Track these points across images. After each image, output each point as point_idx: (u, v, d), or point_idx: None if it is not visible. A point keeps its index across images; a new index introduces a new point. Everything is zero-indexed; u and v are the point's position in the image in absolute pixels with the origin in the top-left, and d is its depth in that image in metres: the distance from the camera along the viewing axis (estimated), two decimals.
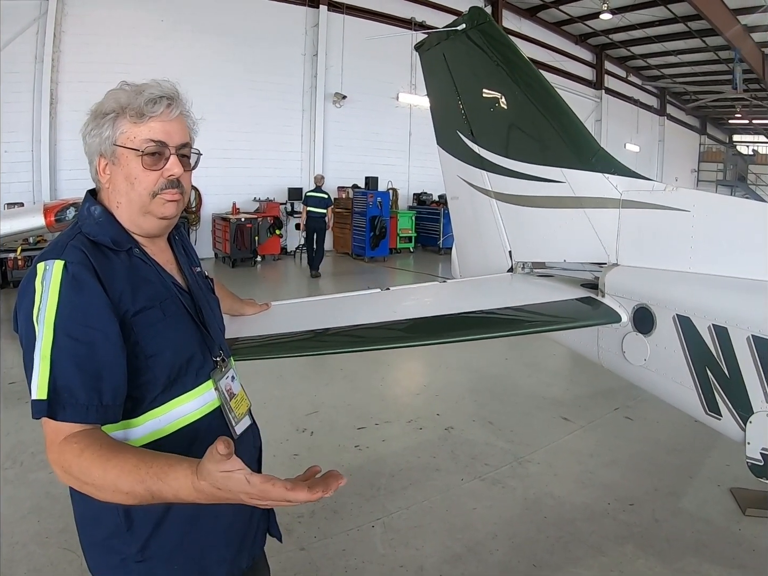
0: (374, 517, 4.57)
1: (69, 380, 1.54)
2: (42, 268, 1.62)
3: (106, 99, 1.80)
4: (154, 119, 1.77)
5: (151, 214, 1.83)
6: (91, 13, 16.33)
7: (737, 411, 2.80)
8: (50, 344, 1.54)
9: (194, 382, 1.84)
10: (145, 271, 1.80)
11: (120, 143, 1.77)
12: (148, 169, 1.78)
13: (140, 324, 1.70)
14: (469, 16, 4.31)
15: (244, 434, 2.00)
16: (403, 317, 3.45)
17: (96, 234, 1.75)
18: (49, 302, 1.57)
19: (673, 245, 3.25)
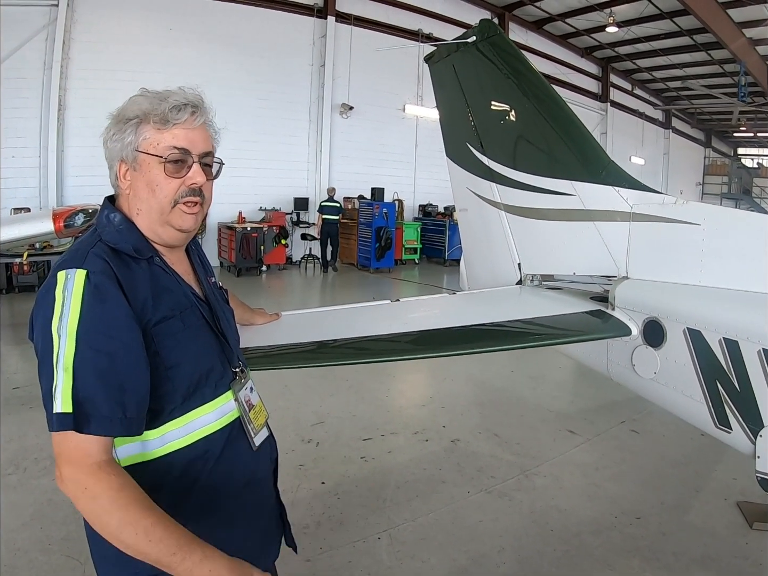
0: (380, 528, 4.54)
1: (93, 392, 1.51)
2: (63, 277, 1.58)
3: (129, 104, 1.77)
4: (178, 126, 1.76)
5: (169, 225, 1.80)
6: (100, 20, 16.49)
7: (748, 424, 2.80)
8: (73, 355, 1.51)
9: (213, 393, 1.82)
10: (165, 281, 1.78)
11: (142, 149, 1.74)
12: (170, 177, 1.76)
13: (161, 334, 1.68)
14: (479, 29, 4.32)
15: (262, 445, 1.97)
16: (413, 329, 3.44)
17: (117, 242, 1.71)
18: (72, 312, 1.54)
19: (683, 258, 3.25)
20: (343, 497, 4.96)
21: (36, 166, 16.03)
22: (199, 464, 1.76)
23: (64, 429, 1.48)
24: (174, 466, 1.73)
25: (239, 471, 1.86)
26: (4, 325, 11.00)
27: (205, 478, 1.77)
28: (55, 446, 1.52)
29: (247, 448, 1.89)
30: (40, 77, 15.84)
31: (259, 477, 1.96)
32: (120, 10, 16.79)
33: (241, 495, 1.87)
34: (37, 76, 15.81)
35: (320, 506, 4.81)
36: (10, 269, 13.91)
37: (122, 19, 16.85)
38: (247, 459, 1.89)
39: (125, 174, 1.77)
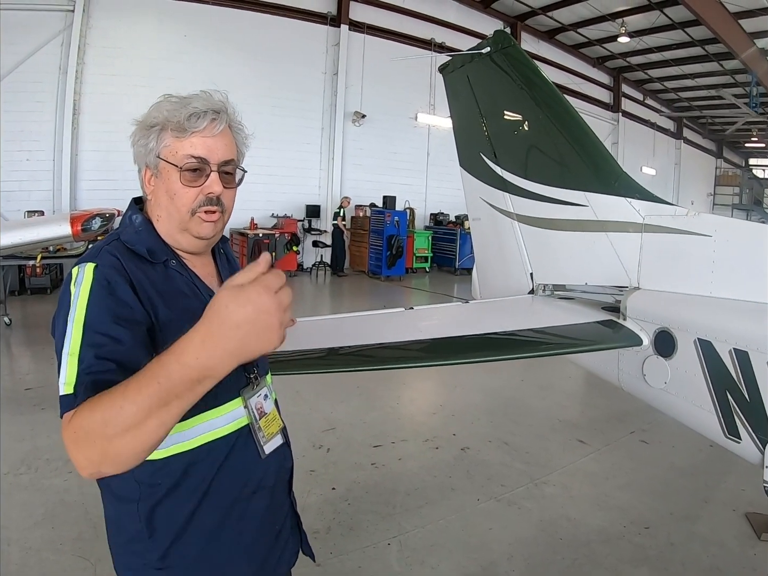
0: (390, 534, 4.56)
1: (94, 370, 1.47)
2: (76, 272, 1.61)
3: (153, 110, 1.77)
4: (195, 134, 1.74)
5: (188, 232, 1.80)
6: (115, 26, 16.63)
7: (757, 434, 2.82)
8: (79, 342, 1.50)
9: (223, 398, 1.77)
10: (180, 284, 1.78)
11: (163, 156, 1.74)
12: (187, 186, 1.75)
13: (168, 334, 1.57)
14: (493, 40, 4.36)
15: (274, 454, 1.92)
16: (426, 337, 3.48)
17: (134, 243, 1.73)
18: (80, 302, 1.55)
19: (694, 270, 3.28)
20: (353, 503, 4.99)
21: (50, 169, 16.18)
22: (203, 468, 1.75)
23: (66, 410, 1.42)
24: (176, 468, 1.72)
25: (245, 477, 1.84)
26: (16, 326, 11.11)
27: (209, 482, 1.75)
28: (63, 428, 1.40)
29: (254, 455, 1.86)
30: (56, 81, 16.01)
31: (269, 484, 1.92)
32: (135, 16, 16.94)
33: (249, 501, 1.86)
34: (53, 80, 15.97)
35: (331, 512, 4.84)
36: (23, 271, 14.02)
37: (137, 25, 17.00)
38: (254, 466, 1.86)
39: (149, 179, 1.80)
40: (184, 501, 1.73)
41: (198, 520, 1.75)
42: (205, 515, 1.76)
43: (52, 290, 14.55)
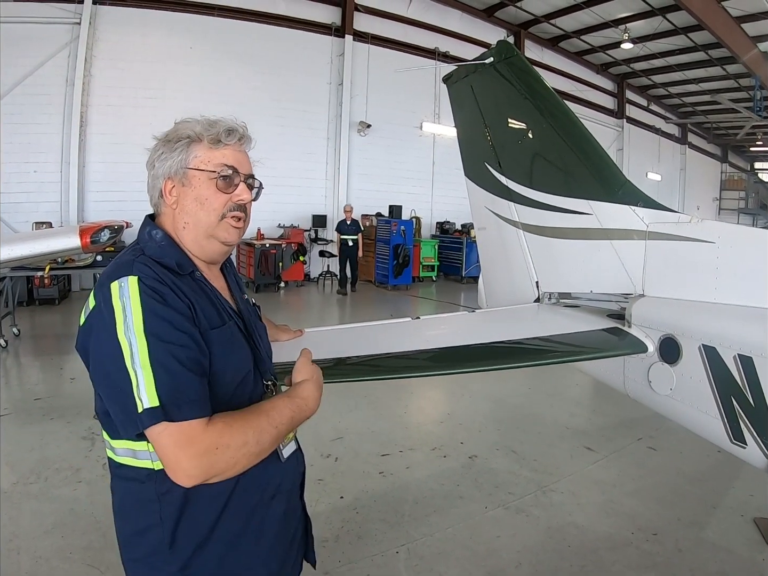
0: (398, 543, 4.57)
1: (174, 380, 1.57)
2: (117, 286, 1.63)
3: (180, 127, 1.89)
4: (228, 147, 1.89)
5: (214, 238, 1.90)
6: (121, 38, 16.77)
7: (762, 439, 2.82)
8: (146, 352, 1.56)
9: (246, 404, 1.81)
10: (207, 293, 1.85)
11: (193, 166, 1.84)
12: (219, 192, 1.87)
13: (209, 341, 1.73)
14: (497, 50, 4.38)
15: (290, 458, 2.02)
16: (433, 346, 3.49)
17: (161, 257, 1.77)
18: (134, 315, 1.59)
19: (698, 276, 3.29)
20: (361, 511, 5.00)
21: (57, 181, 16.30)
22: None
23: (156, 421, 1.52)
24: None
25: (266, 482, 1.90)
26: (24, 337, 11.19)
27: (232, 488, 1.79)
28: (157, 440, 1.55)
29: (274, 459, 1.91)
30: (63, 94, 16.14)
31: (286, 489, 2.00)
32: (141, 28, 17.06)
33: (269, 505, 1.92)
34: (60, 92, 16.12)
35: (339, 520, 4.85)
36: (31, 282, 14.10)
37: (143, 37, 17.12)
38: (274, 471, 1.93)
39: (171, 190, 1.87)
40: (207, 509, 1.77)
41: (220, 528, 1.79)
42: (228, 522, 1.80)
43: (60, 301, 14.66)
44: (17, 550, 4.26)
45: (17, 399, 7.63)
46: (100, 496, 1.55)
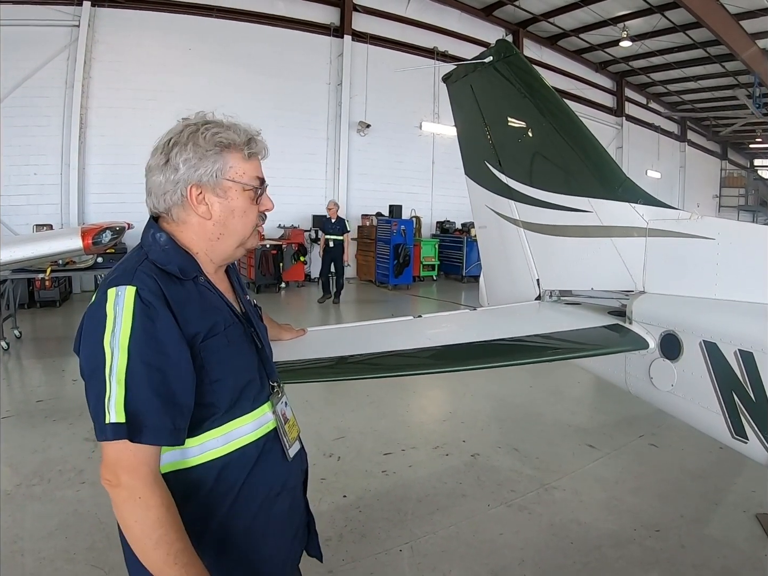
0: (402, 541, 4.57)
1: (144, 404, 1.58)
2: (114, 294, 1.64)
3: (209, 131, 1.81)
4: (255, 157, 1.92)
5: (243, 247, 1.95)
6: (120, 41, 16.78)
7: (763, 434, 2.84)
8: (125, 369, 1.57)
9: (252, 405, 1.89)
10: (210, 298, 1.85)
11: (229, 177, 1.83)
12: (254, 204, 1.91)
13: (207, 350, 1.74)
14: (496, 49, 4.40)
15: (295, 457, 2.05)
16: (435, 344, 3.50)
17: (164, 262, 1.76)
18: (123, 328, 1.59)
19: (698, 273, 3.30)
20: (364, 510, 5.01)
21: (57, 183, 16.31)
22: (234, 472, 1.83)
23: (119, 438, 1.55)
24: (210, 474, 1.80)
25: (272, 480, 1.94)
26: (26, 339, 11.20)
27: (239, 486, 1.84)
28: (111, 454, 1.59)
29: (280, 458, 1.97)
30: (62, 96, 16.15)
31: (291, 486, 2.04)
32: (140, 31, 17.08)
33: (274, 503, 1.95)
34: (59, 94, 16.13)
35: (342, 519, 4.86)
36: (32, 284, 14.10)
37: (142, 39, 17.14)
38: (280, 469, 1.97)
39: (199, 197, 1.82)
40: (217, 506, 1.81)
41: (227, 525, 1.83)
42: (235, 520, 1.84)
43: (61, 303, 14.66)
44: (21, 551, 4.26)
45: (19, 401, 7.64)
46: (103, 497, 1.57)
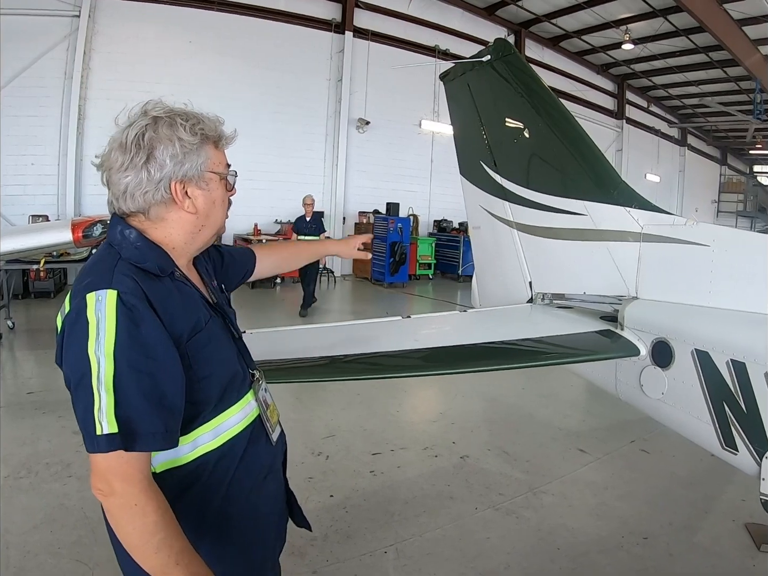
0: (387, 543, 4.54)
1: (136, 411, 1.54)
2: (93, 299, 1.58)
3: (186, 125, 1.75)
4: (224, 146, 1.93)
5: (217, 233, 1.97)
6: (120, 32, 16.70)
7: (754, 446, 2.82)
8: (113, 377, 1.53)
9: (237, 396, 1.90)
10: (188, 294, 1.81)
11: (209, 168, 1.82)
12: (227, 192, 1.93)
13: (193, 348, 1.72)
14: (494, 48, 4.36)
15: (278, 440, 2.09)
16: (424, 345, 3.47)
17: (141, 260, 1.71)
18: (107, 335, 1.54)
19: (692, 279, 3.28)
20: (351, 510, 4.97)
21: (55, 174, 16.24)
22: (226, 463, 1.84)
23: (114, 449, 1.51)
24: (204, 467, 1.80)
25: (260, 465, 1.97)
26: (19, 330, 11.15)
27: (231, 475, 1.85)
28: (102, 463, 1.54)
29: (266, 443, 2.00)
30: (61, 86, 16.07)
31: (276, 468, 2.09)
32: (140, 22, 17.00)
33: (263, 486, 1.98)
34: (58, 85, 16.05)
35: (328, 519, 4.82)
36: (26, 275, 14.08)
37: (143, 30, 17.06)
38: (266, 453, 2.01)
39: (182, 191, 1.77)
40: (212, 497, 1.83)
41: (219, 514, 1.85)
42: (227, 508, 1.86)
43: (56, 294, 14.58)
44: (6, 544, 4.23)
45: (10, 393, 7.59)
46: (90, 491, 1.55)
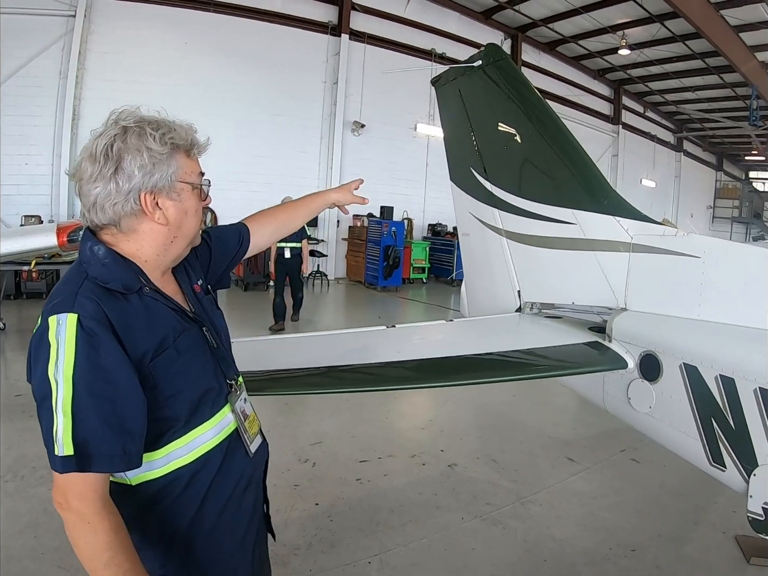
0: (371, 552, 4.49)
1: (92, 434, 1.56)
2: (55, 323, 1.59)
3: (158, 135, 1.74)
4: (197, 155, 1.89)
5: (191, 244, 1.95)
6: (116, 32, 16.69)
7: (741, 463, 2.78)
8: (71, 400, 1.55)
9: (211, 411, 1.88)
10: (156, 309, 1.78)
11: (181, 178, 1.79)
12: (200, 201, 1.89)
13: (158, 368, 1.71)
14: (485, 53, 4.32)
15: (257, 451, 2.07)
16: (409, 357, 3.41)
17: (106, 279, 1.69)
18: (66, 359, 1.55)
19: (682, 292, 3.23)
20: (336, 519, 4.92)
21: (48, 173, 16.21)
22: (202, 476, 1.85)
23: (68, 471, 1.55)
24: (178, 481, 1.80)
25: (238, 477, 1.97)
26: (11, 331, 11.12)
27: (207, 487, 1.86)
28: (60, 479, 1.58)
29: (244, 455, 1.99)
30: (56, 86, 16.06)
31: (256, 479, 2.09)
32: (136, 22, 16.98)
33: (242, 497, 1.99)
34: (53, 85, 16.03)
35: (313, 527, 4.77)
36: (18, 276, 14.15)
37: (138, 31, 17.04)
38: (244, 465, 2.00)
39: (153, 203, 1.75)
40: (185, 509, 1.84)
41: (197, 524, 1.85)
42: (204, 518, 1.87)
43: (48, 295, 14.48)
44: None
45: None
46: None
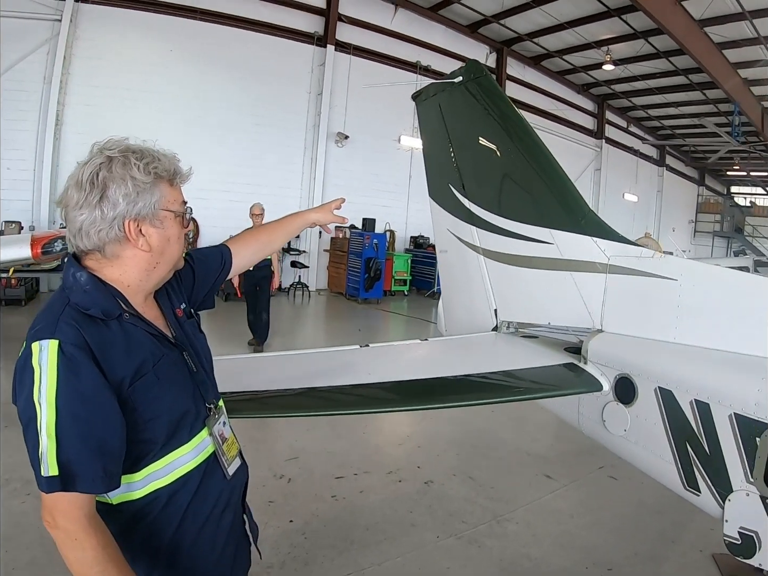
0: (346, 571, 4.44)
1: (75, 456, 1.63)
2: (37, 349, 1.65)
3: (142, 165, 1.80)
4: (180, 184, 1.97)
5: (174, 268, 2.02)
6: (102, 38, 16.61)
7: (716, 488, 2.77)
8: (54, 423, 1.61)
9: (189, 435, 1.93)
10: (136, 335, 1.83)
11: (164, 207, 1.86)
12: (183, 228, 1.96)
13: (136, 392, 1.76)
14: (466, 69, 4.30)
15: (236, 473, 2.10)
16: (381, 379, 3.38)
17: (87, 306, 1.75)
18: (49, 384, 1.62)
19: (658, 314, 3.23)
20: (310, 537, 4.87)
21: (30, 179, 16.07)
22: (180, 497, 1.90)
23: (53, 490, 1.62)
24: (157, 502, 1.86)
25: (216, 499, 2.01)
26: None
27: (185, 509, 1.91)
28: (48, 499, 1.65)
29: (221, 478, 2.03)
30: (40, 91, 15.94)
31: (234, 501, 2.11)
32: (122, 29, 16.90)
33: (220, 519, 2.03)
34: (37, 89, 15.91)
35: (287, 545, 4.71)
36: None
37: (124, 37, 16.97)
38: (222, 487, 2.03)
39: (136, 231, 1.81)
40: (163, 529, 1.89)
41: (174, 543, 1.90)
42: (181, 538, 1.91)
43: (27, 302, 14.39)
44: None
45: None
46: None
